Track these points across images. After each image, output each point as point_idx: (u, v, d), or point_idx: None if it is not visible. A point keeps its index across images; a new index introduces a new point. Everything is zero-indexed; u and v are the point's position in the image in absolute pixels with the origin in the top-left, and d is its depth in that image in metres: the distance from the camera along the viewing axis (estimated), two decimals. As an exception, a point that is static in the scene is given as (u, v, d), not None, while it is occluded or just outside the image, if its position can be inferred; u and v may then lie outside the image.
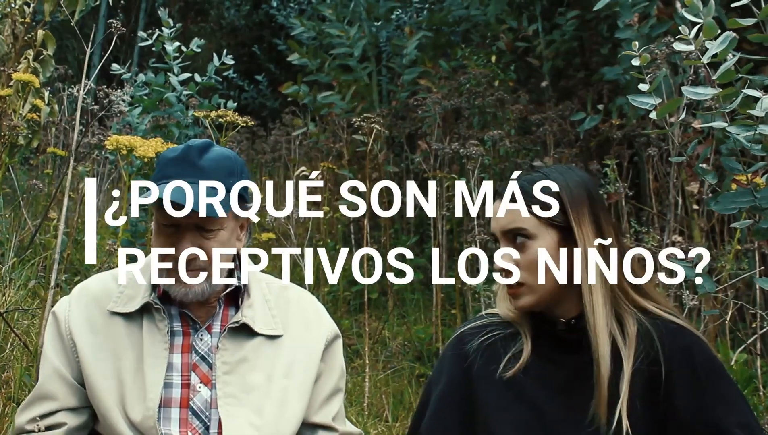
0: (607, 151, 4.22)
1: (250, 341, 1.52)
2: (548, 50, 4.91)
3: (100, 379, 1.46)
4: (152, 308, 1.50)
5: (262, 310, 1.55)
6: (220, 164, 1.50)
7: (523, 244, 1.38)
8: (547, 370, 1.40)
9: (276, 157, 6.62)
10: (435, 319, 3.61)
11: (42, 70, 2.73)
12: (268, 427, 1.47)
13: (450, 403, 1.45)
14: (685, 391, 1.33)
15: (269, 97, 8.53)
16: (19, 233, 3.34)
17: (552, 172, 1.42)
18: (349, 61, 5.39)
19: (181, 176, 1.46)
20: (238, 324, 1.51)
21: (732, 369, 2.76)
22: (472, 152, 3.62)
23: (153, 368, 1.46)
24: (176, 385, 1.47)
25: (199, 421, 1.46)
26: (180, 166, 1.48)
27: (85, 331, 1.50)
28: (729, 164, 1.79)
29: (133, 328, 1.50)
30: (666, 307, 1.43)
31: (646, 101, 1.80)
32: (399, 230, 4.92)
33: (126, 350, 1.48)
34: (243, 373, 1.49)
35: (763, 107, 1.62)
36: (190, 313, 1.52)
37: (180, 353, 1.49)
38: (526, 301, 1.40)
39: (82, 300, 1.54)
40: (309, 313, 1.62)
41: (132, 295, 1.52)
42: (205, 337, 1.51)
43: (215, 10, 9.66)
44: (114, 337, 1.49)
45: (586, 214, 1.38)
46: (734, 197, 1.78)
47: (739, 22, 1.68)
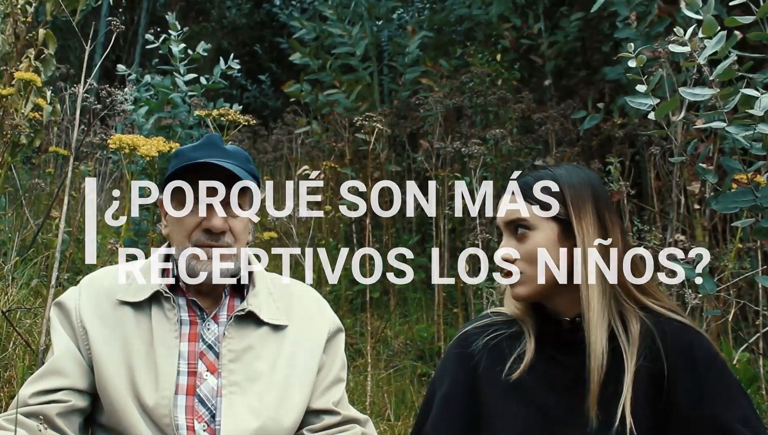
0: (609, 150, 4.22)
1: (257, 330, 1.55)
2: (551, 49, 4.90)
3: (111, 365, 1.48)
4: (161, 297, 1.53)
5: (267, 301, 1.58)
6: (239, 151, 1.59)
7: (523, 235, 1.40)
8: (552, 371, 1.41)
9: (278, 157, 6.62)
10: (437, 318, 3.61)
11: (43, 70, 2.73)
12: (267, 412, 1.48)
13: (455, 403, 1.46)
14: (687, 387, 1.34)
15: (271, 97, 8.53)
16: (21, 232, 3.35)
17: (557, 169, 1.45)
18: (351, 61, 5.39)
19: (210, 157, 1.52)
20: (244, 312, 1.54)
21: (734, 368, 2.75)
22: (473, 151, 3.62)
23: (165, 357, 1.48)
24: (183, 373, 1.49)
25: (205, 409, 1.48)
26: (206, 150, 1.54)
27: (96, 321, 1.52)
28: (729, 164, 1.79)
29: (142, 317, 1.52)
30: (669, 305, 1.43)
31: (644, 102, 1.81)
32: (400, 229, 4.92)
33: (135, 338, 1.50)
34: (248, 361, 1.51)
35: (761, 106, 1.62)
36: (198, 301, 1.54)
37: (187, 342, 1.52)
38: (522, 290, 1.41)
39: (92, 291, 1.56)
40: (312, 308, 1.65)
41: (139, 285, 1.55)
42: (212, 327, 1.54)
43: (216, 10, 9.66)
44: (123, 325, 1.51)
45: (589, 210, 1.39)
46: (735, 196, 1.78)
47: (738, 20, 1.68)
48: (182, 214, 1.52)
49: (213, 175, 1.51)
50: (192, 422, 1.46)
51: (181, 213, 1.52)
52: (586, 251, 1.37)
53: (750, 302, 3.03)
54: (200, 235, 1.52)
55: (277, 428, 1.49)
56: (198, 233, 1.52)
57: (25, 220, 3.51)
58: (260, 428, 1.47)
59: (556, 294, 1.42)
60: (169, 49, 3.26)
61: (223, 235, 1.52)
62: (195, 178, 1.51)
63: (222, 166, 1.50)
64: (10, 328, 2.46)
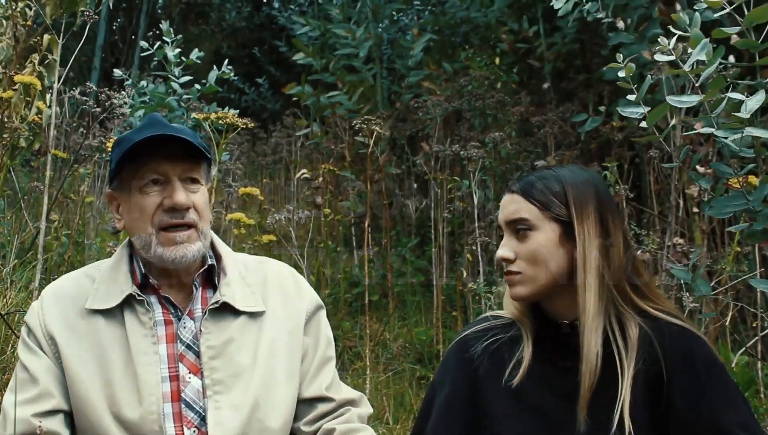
0: (608, 153, 4.22)
1: (234, 321, 1.47)
2: (549, 52, 4.91)
3: (88, 384, 1.39)
4: (133, 301, 1.44)
5: (241, 287, 1.50)
6: (183, 127, 1.49)
7: (524, 235, 1.39)
8: (551, 376, 1.40)
9: (277, 160, 6.62)
10: (436, 321, 3.61)
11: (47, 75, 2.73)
12: (248, 404, 1.42)
13: (455, 407, 1.45)
14: (686, 391, 1.33)
15: (270, 100, 8.54)
16: (20, 235, 3.35)
17: (561, 169, 1.44)
18: (354, 62, 5.39)
19: (152, 131, 1.42)
20: (218, 304, 1.46)
21: (733, 371, 2.76)
22: (473, 154, 3.63)
23: (145, 366, 1.40)
24: (165, 378, 1.41)
25: (193, 413, 1.41)
26: (152, 127, 1.43)
27: (64, 334, 1.43)
28: (719, 168, 1.80)
29: (114, 324, 1.43)
30: (668, 309, 1.43)
31: (635, 111, 1.82)
32: (400, 232, 4.92)
33: (110, 348, 1.41)
34: (230, 356, 1.44)
35: (748, 109, 1.63)
36: (171, 297, 1.46)
37: (165, 344, 1.43)
38: (520, 290, 1.40)
39: (55, 301, 1.46)
40: (288, 287, 1.57)
41: (108, 290, 1.45)
42: (188, 324, 1.45)
43: (216, 13, 9.67)
44: (96, 335, 1.42)
45: (591, 212, 1.38)
46: (728, 201, 1.79)
47: (725, 31, 1.70)
48: (135, 202, 1.44)
49: (165, 152, 1.41)
50: (181, 430, 1.39)
51: (134, 201, 1.44)
52: (585, 254, 1.36)
53: (748, 305, 3.03)
54: (163, 216, 1.43)
55: (263, 423, 1.43)
56: (160, 214, 1.43)
57: (24, 222, 3.51)
58: (245, 424, 1.41)
59: (555, 295, 1.41)
60: (164, 56, 3.27)
61: (188, 212, 1.43)
62: (146, 160, 1.42)
63: (174, 138, 1.40)
64: (9, 330, 2.46)
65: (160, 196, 1.43)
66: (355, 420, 1.52)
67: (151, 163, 1.42)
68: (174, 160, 1.43)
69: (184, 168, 1.44)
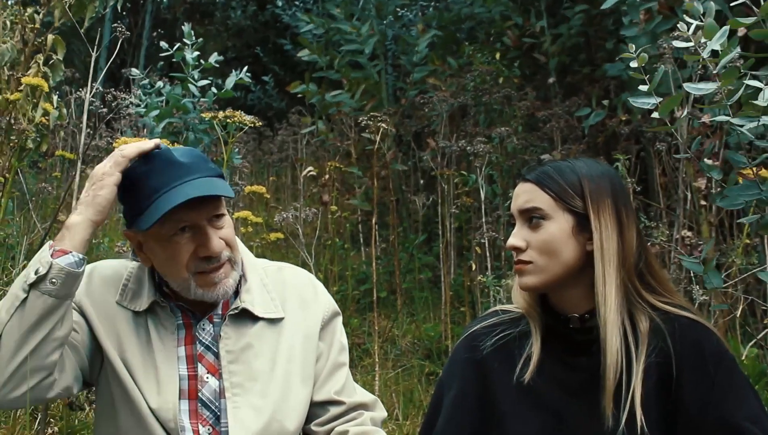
0: (614, 146, 4.21)
1: (253, 327, 1.50)
2: (554, 46, 4.90)
3: (113, 359, 1.44)
4: (157, 307, 1.48)
5: (261, 294, 1.53)
6: (194, 154, 1.45)
7: (537, 224, 1.37)
8: (562, 374, 1.39)
9: (283, 157, 6.63)
10: (444, 316, 3.61)
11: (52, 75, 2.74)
12: (269, 408, 1.46)
13: (465, 406, 1.44)
14: (695, 384, 1.33)
15: (275, 98, 8.54)
16: (28, 236, 3.36)
17: (577, 161, 1.42)
18: (359, 59, 5.39)
19: (175, 178, 1.38)
20: (238, 310, 1.49)
21: (743, 364, 2.75)
22: (479, 149, 3.62)
23: (165, 361, 1.45)
24: (183, 377, 1.46)
25: (209, 412, 1.45)
26: (171, 170, 1.39)
27: (94, 310, 1.47)
28: (734, 158, 1.79)
29: (139, 326, 1.47)
30: (679, 302, 1.42)
31: (647, 101, 1.81)
32: (407, 228, 4.92)
33: (131, 345, 1.46)
34: (248, 360, 1.48)
35: (766, 97, 1.61)
36: (189, 306, 1.49)
37: (184, 345, 1.48)
38: (530, 279, 1.39)
39: (93, 279, 1.50)
40: (305, 293, 1.60)
41: (136, 291, 1.49)
42: (207, 327, 1.49)
43: (220, 12, 9.68)
44: (121, 327, 1.46)
45: (607, 204, 1.37)
46: (740, 191, 1.78)
47: (741, 21, 1.68)
48: (166, 249, 1.42)
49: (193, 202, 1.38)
50: (197, 426, 1.44)
51: (165, 249, 1.42)
52: (603, 246, 1.35)
53: (758, 298, 3.02)
54: (199, 264, 1.42)
55: (282, 424, 1.47)
56: (195, 261, 1.42)
57: (33, 224, 3.53)
58: (266, 426, 1.45)
59: (564, 287, 1.40)
60: (183, 58, 3.28)
61: (221, 252, 1.44)
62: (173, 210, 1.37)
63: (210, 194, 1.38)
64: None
65: (193, 244, 1.41)
66: (369, 423, 1.55)
67: (177, 213, 1.38)
68: (200, 205, 1.40)
69: (210, 210, 1.42)
